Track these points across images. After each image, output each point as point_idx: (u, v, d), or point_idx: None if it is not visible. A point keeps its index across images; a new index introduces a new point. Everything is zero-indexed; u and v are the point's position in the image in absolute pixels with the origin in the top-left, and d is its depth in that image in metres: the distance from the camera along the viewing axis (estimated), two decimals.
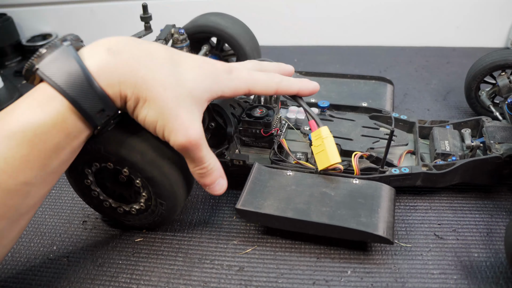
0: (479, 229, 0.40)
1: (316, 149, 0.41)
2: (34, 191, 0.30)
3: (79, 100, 0.29)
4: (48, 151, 0.29)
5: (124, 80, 0.30)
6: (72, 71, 0.29)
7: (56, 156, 0.30)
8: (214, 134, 0.45)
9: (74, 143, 0.31)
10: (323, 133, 0.40)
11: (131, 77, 0.30)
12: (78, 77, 0.29)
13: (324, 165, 0.40)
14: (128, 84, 0.30)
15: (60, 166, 0.31)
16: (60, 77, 0.29)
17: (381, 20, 0.78)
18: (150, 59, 0.32)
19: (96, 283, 0.37)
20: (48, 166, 0.30)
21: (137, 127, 0.34)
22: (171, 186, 0.36)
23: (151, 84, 0.31)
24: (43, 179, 0.30)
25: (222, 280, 0.36)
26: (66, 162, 0.32)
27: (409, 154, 0.45)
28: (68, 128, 0.30)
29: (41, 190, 0.31)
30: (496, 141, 0.41)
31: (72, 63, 0.29)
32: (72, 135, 0.30)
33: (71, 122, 0.30)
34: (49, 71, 0.29)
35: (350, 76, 0.59)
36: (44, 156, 0.29)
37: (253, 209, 0.37)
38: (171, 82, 0.32)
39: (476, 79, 0.52)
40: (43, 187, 0.31)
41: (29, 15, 0.86)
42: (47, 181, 0.31)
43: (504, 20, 0.74)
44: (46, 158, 0.29)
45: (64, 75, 0.29)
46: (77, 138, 0.31)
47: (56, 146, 0.29)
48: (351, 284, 0.35)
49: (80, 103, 0.29)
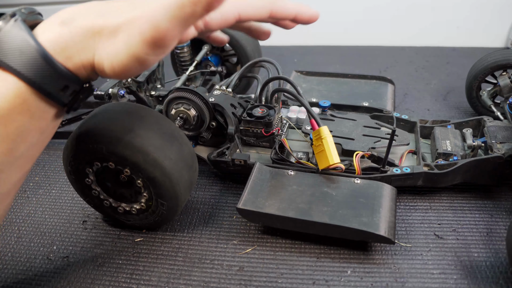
0: (479, 229, 0.40)
1: (317, 148, 0.41)
2: (4, 178, 0.28)
3: (36, 79, 0.27)
4: (11, 135, 0.27)
5: (82, 48, 0.28)
6: (23, 48, 0.26)
7: (22, 140, 0.28)
8: (215, 133, 0.45)
9: (41, 123, 0.29)
10: (323, 133, 0.40)
11: (89, 40, 0.28)
12: (32, 55, 0.26)
13: (324, 165, 0.40)
14: (88, 48, 0.28)
15: (30, 149, 0.29)
16: (12, 57, 0.26)
17: (381, 20, 0.78)
18: (103, 12, 0.28)
19: (96, 283, 0.37)
20: (15, 151, 0.28)
21: (139, 127, 0.34)
22: (172, 186, 0.36)
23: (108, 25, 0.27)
24: (12, 165, 0.28)
25: (222, 280, 0.36)
26: (36, 145, 0.30)
27: (411, 153, 0.45)
28: (30, 109, 0.27)
29: (12, 175, 0.29)
30: (498, 141, 0.41)
31: (22, 40, 0.27)
32: (37, 115, 0.28)
33: (32, 102, 0.27)
34: (2, 53, 0.26)
35: (351, 76, 0.59)
36: (8, 140, 0.27)
37: (254, 209, 0.37)
38: (131, 14, 0.27)
39: (477, 78, 0.51)
40: (14, 174, 0.29)
41: None
42: (16, 166, 0.29)
43: (504, 20, 0.74)
44: (11, 142, 0.27)
45: (17, 53, 0.26)
46: (43, 118, 0.29)
47: (20, 129, 0.27)
48: (351, 284, 0.35)
49: (38, 82, 0.27)
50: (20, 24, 0.27)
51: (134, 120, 0.35)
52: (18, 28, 0.27)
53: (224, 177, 0.48)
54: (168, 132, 0.36)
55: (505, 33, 0.75)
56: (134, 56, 0.27)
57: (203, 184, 0.47)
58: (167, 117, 0.40)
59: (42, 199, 0.47)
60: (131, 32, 0.27)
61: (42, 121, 0.28)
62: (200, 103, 0.42)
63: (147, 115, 0.36)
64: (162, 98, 0.50)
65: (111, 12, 0.28)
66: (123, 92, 0.46)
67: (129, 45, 0.27)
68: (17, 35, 0.26)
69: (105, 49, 0.28)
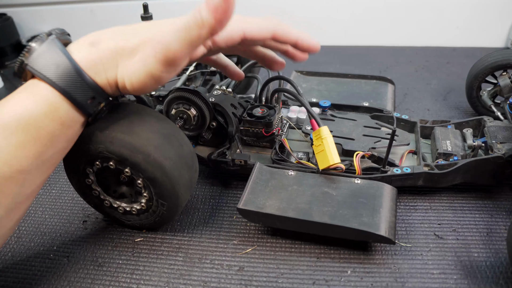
0: (479, 229, 0.40)
1: (317, 148, 0.41)
2: (30, 180, 0.31)
3: (69, 89, 0.30)
4: (42, 139, 0.30)
5: (108, 67, 0.31)
6: (59, 63, 0.30)
7: (51, 145, 0.31)
8: (215, 133, 0.45)
9: (69, 132, 0.32)
10: (323, 133, 0.40)
11: (113, 59, 0.31)
12: (66, 68, 0.30)
13: (324, 165, 0.40)
14: (112, 67, 0.31)
15: (55, 155, 0.32)
16: (49, 70, 0.30)
17: (381, 20, 0.78)
18: (124, 35, 0.32)
19: (96, 283, 0.37)
20: (43, 155, 0.31)
21: (140, 127, 0.34)
22: (173, 186, 0.36)
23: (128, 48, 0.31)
24: (38, 168, 0.31)
25: (222, 280, 0.36)
26: (61, 152, 0.33)
27: (411, 154, 0.45)
28: (61, 117, 0.31)
29: (36, 178, 0.31)
30: (498, 141, 0.41)
31: (59, 56, 0.30)
32: (66, 124, 0.31)
33: (64, 111, 0.31)
34: (38, 65, 0.30)
35: (351, 76, 0.59)
36: (40, 144, 0.30)
37: (254, 209, 0.37)
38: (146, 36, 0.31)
39: (477, 78, 0.51)
40: (39, 176, 0.31)
41: (29, 15, 0.86)
42: (42, 170, 0.31)
43: (504, 20, 0.74)
44: (42, 146, 0.30)
45: (53, 67, 0.30)
46: (72, 127, 0.32)
47: (51, 134, 0.30)
48: (351, 284, 0.35)
49: (70, 92, 0.30)
50: (56, 42, 0.31)
51: (134, 120, 0.35)
52: (54, 46, 0.31)
53: (224, 177, 0.48)
54: (169, 132, 0.36)
55: (505, 33, 0.75)
56: (150, 74, 0.31)
57: (203, 184, 0.47)
58: (167, 117, 0.40)
59: (42, 199, 0.47)
60: (146, 53, 0.30)
61: (70, 129, 0.32)
62: (200, 103, 0.42)
63: (147, 115, 0.36)
64: (162, 98, 0.50)
65: (130, 34, 0.32)
66: None
67: (145, 64, 0.30)
68: (54, 52, 0.30)
69: (125, 67, 0.31)
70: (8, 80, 0.71)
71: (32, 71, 0.30)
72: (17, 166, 0.29)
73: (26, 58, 0.30)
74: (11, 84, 0.71)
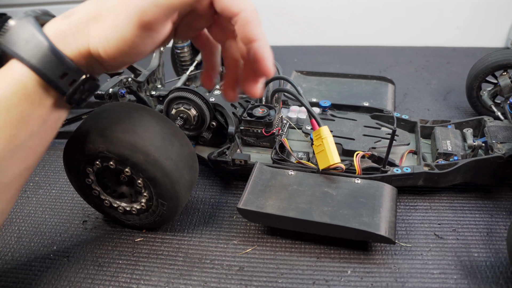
0: (479, 229, 0.40)
1: (317, 148, 0.41)
2: (5, 166, 0.30)
3: (36, 63, 0.29)
4: (13, 121, 0.29)
5: (78, 36, 0.30)
6: (29, 37, 0.29)
7: (23, 127, 0.30)
8: (215, 133, 0.45)
9: (41, 111, 0.30)
10: (323, 132, 0.40)
11: (83, 27, 0.30)
12: (36, 43, 0.29)
13: (324, 165, 0.40)
14: (83, 35, 0.30)
15: (31, 139, 0.31)
16: (19, 45, 0.29)
17: (381, 20, 0.78)
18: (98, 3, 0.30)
19: (96, 283, 0.37)
20: (16, 138, 0.30)
21: (140, 127, 0.34)
22: (173, 186, 0.36)
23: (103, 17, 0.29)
24: (13, 154, 0.30)
25: (222, 280, 0.36)
26: (38, 136, 0.31)
27: (411, 153, 0.45)
28: (30, 94, 0.29)
29: (13, 166, 0.30)
30: (498, 141, 0.41)
31: (29, 31, 0.29)
32: (36, 101, 0.30)
33: (32, 88, 0.29)
34: (10, 42, 0.29)
35: (351, 76, 0.59)
36: (10, 126, 0.29)
37: (254, 209, 0.37)
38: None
39: (477, 78, 0.51)
40: (16, 164, 0.30)
41: None
42: (18, 156, 0.30)
43: (504, 20, 0.74)
44: (12, 128, 0.29)
45: (22, 42, 0.29)
46: (42, 104, 0.30)
47: (21, 114, 0.29)
48: (351, 284, 0.35)
49: (38, 66, 0.29)
50: (30, 19, 0.30)
51: (135, 120, 0.35)
52: (27, 22, 0.30)
53: (224, 177, 0.48)
54: (169, 132, 0.36)
55: (505, 33, 0.75)
56: (123, 38, 0.28)
57: (203, 184, 0.47)
58: (167, 117, 0.40)
59: (42, 199, 0.47)
60: (121, 16, 0.28)
61: (41, 108, 0.30)
62: (200, 103, 0.42)
63: (147, 115, 0.36)
64: (162, 98, 0.50)
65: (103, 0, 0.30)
66: (123, 92, 0.46)
67: (117, 27, 0.28)
68: (25, 28, 0.30)
69: (97, 32, 0.29)
70: None
71: (3, 48, 0.29)
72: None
73: (1, 37, 0.30)
74: None
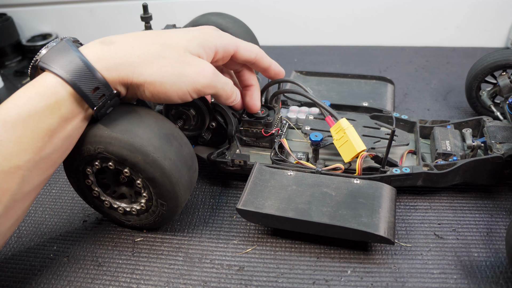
0: (479, 229, 0.40)
1: (339, 142, 0.40)
2: (28, 177, 0.31)
3: (72, 77, 0.31)
4: (41, 133, 0.30)
5: (121, 63, 0.32)
6: (67, 56, 0.31)
7: (49, 140, 0.31)
8: (214, 133, 0.45)
9: (68, 126, 0.32)
10: (343, 124, 0.40)
11: (127, 60, 0.33)
12: (73, 60, 0.31)
13: (350, 156, 0.40)
14: (127, 66, 0.33)
15: (54, 152, 0.32)
16: (56, 62, 0.31)
17: (381, 20, 0.78)
18: (139, 41, 0.34)
19: (96, 283, 0.37)
20: (41, 150, 0.30)
21: (139, 127, 0.34)
22: (172, 187, 0.36)
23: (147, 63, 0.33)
24: (37, 165, 0.31)
25: (222, 280, 0.36)
26: (60, 150, 0.32)
27: (410, 154, 0.45)
28: (61, 109, 0.31)
29: (35, 176, 0.31)
30: (497, 141, 0.41)
31: (67, 51, 0.32)
32: (66, 117, 0.31)
33: (64, 101, 0.31)
34: (47, 60, 0.31)
35: (350, 76, 0.59)
36: (38, 139, 0.30)
37: (254, 209, 0.37)
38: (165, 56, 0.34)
39: (477, 78, 0.51)
40: (37, 175, 0.31)
41: (29, 15, 0.86)
42: (41, 168, 0.31)
43: (504, 20, 0.74)
44: (40, 141, 0.30)
45: (60, 59, 0.31)
46: (71, 120, 0.32)
47: (49, 128, 0.30)
48: (351, 284, 0.35)
49: (74, 80, 0.31)
50: (68, 42, 0.33)
51: (134, 121, 0.35)
52: (65, 44, 0.32)
53: (224, 177, 0.48)
54: (168, 133, 0.36)
55: (505, 33, 0.75)
56: (176, 92, 0.34)
57: (203, 184, 0.47)
58: (166, 117, 0.40)
59: (42, 199, 0.47)
60: (181, 84, 0.34)
61: (69, 123, 0.32)
62: (200, 103, 0.42)
63: (146, 115, 0.36)
64: None
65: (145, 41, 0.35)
66: None
67: (176, 86, 0.34)
68: (63, 48, 0.32)
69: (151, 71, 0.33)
70: (8, 80, 0.71)
71: (41, 65, 0.31)
72: (16, 161, 0.29)
73: (39, 55, 0.32)
74: (11, 84, 0.71)
